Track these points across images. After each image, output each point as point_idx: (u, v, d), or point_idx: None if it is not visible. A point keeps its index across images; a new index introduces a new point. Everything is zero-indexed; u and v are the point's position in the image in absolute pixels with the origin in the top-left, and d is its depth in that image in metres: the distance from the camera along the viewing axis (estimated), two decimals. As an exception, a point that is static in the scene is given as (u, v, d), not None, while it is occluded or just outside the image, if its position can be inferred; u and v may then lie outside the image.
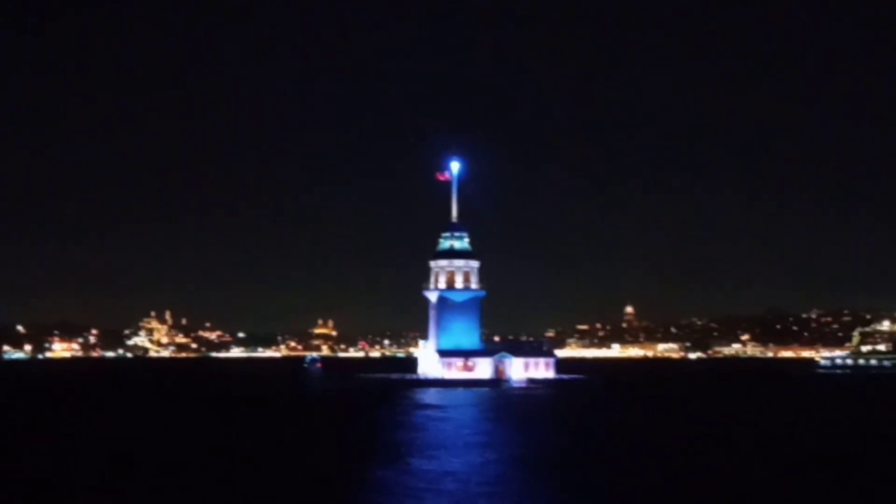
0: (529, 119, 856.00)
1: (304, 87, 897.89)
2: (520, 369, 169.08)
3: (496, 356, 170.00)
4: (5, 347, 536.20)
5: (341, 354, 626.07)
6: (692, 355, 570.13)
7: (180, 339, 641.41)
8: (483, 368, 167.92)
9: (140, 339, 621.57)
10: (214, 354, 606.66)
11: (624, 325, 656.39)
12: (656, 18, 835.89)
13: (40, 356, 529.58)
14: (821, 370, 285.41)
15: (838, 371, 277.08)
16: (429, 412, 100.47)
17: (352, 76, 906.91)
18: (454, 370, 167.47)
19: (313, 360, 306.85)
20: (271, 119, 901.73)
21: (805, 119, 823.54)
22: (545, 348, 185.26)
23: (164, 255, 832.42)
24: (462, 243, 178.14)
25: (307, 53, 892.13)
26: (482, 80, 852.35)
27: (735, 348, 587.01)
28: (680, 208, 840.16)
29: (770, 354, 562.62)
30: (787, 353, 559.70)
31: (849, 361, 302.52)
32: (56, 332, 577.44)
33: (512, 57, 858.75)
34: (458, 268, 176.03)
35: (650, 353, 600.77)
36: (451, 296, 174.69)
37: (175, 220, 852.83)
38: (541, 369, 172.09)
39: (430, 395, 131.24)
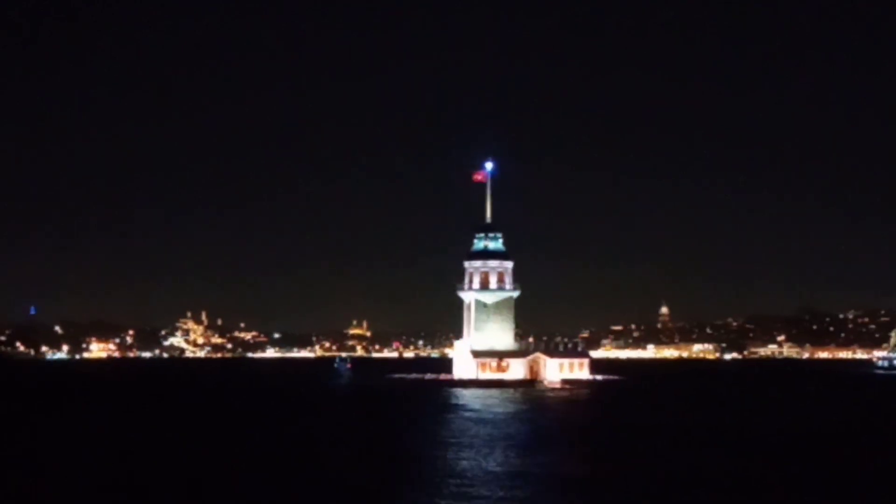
0: (564, 119, 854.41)
1: (340, 87, 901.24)
2: (554, 370, 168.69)
3: (530, 356, 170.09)
4: (43, 348, 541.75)
5: (375, 355, 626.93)
6: (727, 356, 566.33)
7: (216, 339, 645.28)
8: (517, 369, 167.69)
9: (176, 340, 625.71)
10: (250, 355, 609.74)
11: (659, 325, 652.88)
12: (694, 13, 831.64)
13: (78, 357, 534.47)
14: (879, 370, 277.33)
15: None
16: (459, 413, 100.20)
17: (386, 75, 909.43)
18: (488, 371, 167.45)
19: (342, 360, 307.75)
20: (307, 119, 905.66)
21: (841, 118, 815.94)
22: (580, 349, 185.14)
23: (200, 254, 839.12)
24: (496, 244, 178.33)
25: (342, 51, 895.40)
26: (517, 80, 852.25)
27: (771, 349, 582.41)
28: (716, 208, 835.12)
29: (806, 355, 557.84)
30: (823, 354, 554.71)
31: None
32: (93, 332, 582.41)
33: (548, 57, 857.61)
34: (493, 268, 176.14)
35: (685, 354, 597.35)
36: (486, 296, 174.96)
37: (212, 221, 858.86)
38: (575, 370, 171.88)
39: (461, 396, 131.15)
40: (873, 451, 64.74)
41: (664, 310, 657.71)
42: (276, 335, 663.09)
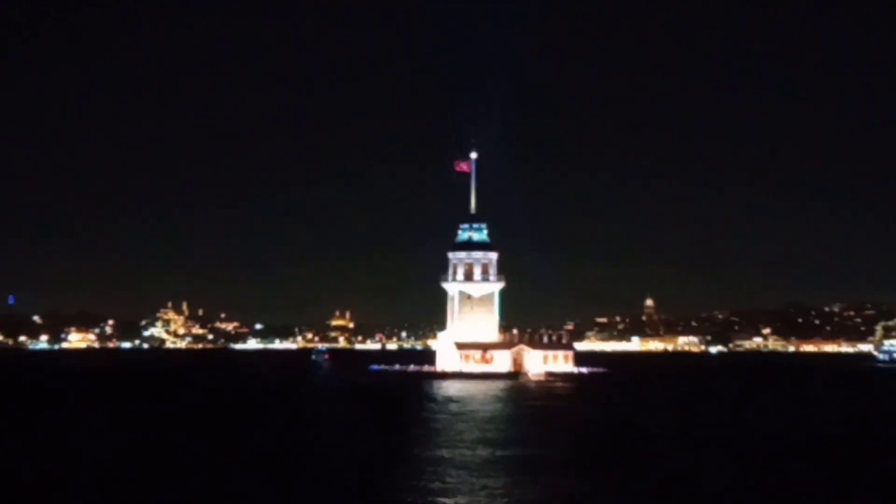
0: (549, 110, 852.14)
1: (322, 78, 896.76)
2: (538, 362, 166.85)
3: (514, 349, 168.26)
4: (22, 338, 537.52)
5: (358, 346, 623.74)
6: (713, 349, 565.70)
7: (197, 330, 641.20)
8: (501, 361, 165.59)
9: (156, 330, 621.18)
10: (232, 346, 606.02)
11: (644, 318, 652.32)
12: (678, 11, 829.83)
13: (57, 346, 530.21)
14: (880, 364, 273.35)
15: None
16: (441, 405, 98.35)
17: (370, 67, 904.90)
18: (472, 362, 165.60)
19: (320, 352, 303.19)
20: (288, 111, 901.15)
21: (827, 113, 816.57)
22: (564, 341, 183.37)
23: (182, 245, 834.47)
24: (481, 235, 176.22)
25: (324, 45, 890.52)
26: (503, 70, 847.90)
27: (756, 342, 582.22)
28: (701, 201, 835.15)
29: (791, 349, 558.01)
30: (808, 347, 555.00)
31: None
32: (73, 322, 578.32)
33: (533, 48, 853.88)
34: (477, 260, 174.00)
35: (670, 347, 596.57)
36: (470, 288, 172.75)
37: (192, 211, 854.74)
38: (559, 362, 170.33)
39: (444, 388, 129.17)
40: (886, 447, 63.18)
41: (649, 302, 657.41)
42: (258, 326, 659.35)
